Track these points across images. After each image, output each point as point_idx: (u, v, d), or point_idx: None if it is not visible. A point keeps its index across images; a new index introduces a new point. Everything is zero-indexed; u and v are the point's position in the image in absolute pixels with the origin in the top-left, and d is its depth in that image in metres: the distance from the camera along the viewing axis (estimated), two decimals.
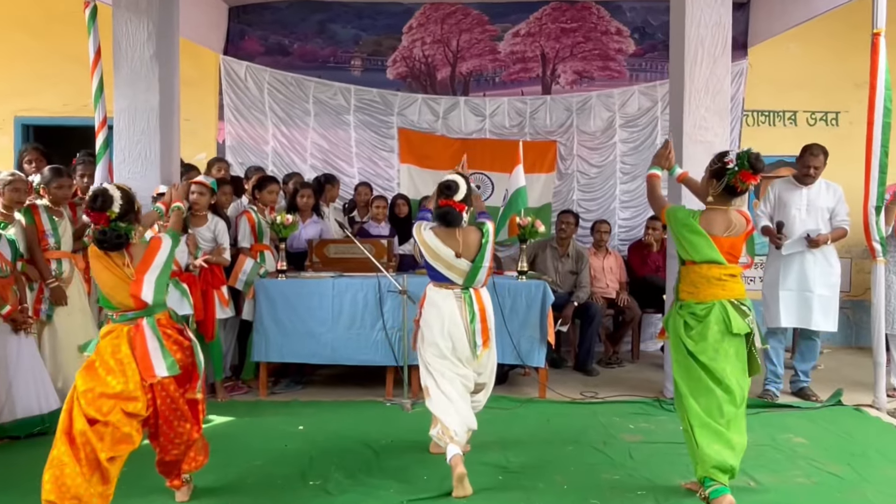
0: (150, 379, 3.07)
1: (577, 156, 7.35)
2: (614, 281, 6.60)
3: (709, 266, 3.34)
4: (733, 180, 3.30)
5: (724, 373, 3.30)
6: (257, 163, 7.04)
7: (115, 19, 5.11)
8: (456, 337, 3.68)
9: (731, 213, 3.43)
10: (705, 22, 5.07)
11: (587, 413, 4.89)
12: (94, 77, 5.17)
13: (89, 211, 3.11)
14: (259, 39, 7.42)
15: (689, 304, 3.41)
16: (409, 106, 7.34)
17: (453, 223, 3.66)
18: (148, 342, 3.10)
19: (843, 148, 5.89)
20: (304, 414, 4.80)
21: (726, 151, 3.41)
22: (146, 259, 3.17)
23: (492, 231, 3.75)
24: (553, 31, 7.36)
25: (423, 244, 3.75)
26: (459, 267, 3.70)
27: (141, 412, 3.07)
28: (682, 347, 3.39)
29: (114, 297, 3.15)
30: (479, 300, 3.76)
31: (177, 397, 3.19)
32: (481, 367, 3.83)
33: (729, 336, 3.32)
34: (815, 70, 7.27)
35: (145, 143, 5.11)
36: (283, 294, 5.17)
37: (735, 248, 3.43)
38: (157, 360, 3.08)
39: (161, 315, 3.23)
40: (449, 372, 3.70)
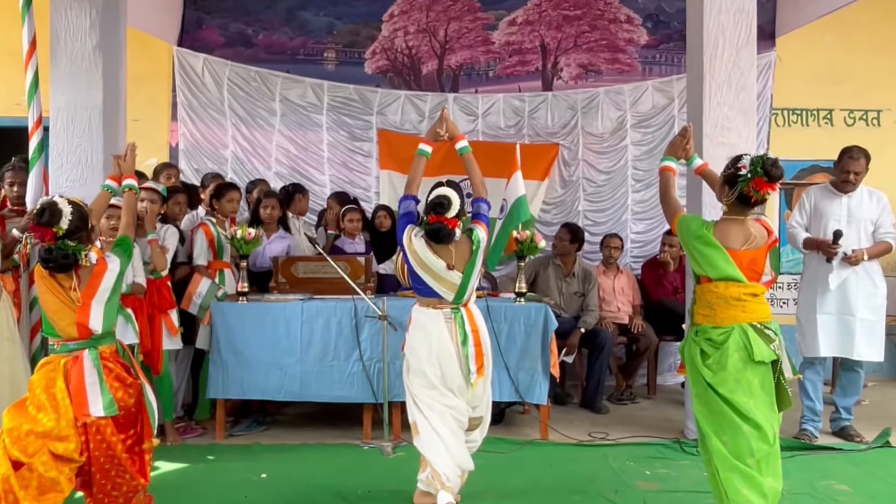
0: (82, 418, 3.04)
1: (582, 160, 7.37)
2: (627, 304, 6.59)
3: (726, 284, 3.33)
4: (746, 188, 3.30)
5: (748, 406, 3.27)
6: (215, 169, 7.02)
7: (52, 5, 5.10)
8: (446, 363, 3.66)
9: (750, 224, 3.43)
10: (727, 8, 5.10)
11: (596, 457, 4.85)
12: (27, 71, 5.13)
13: (34, 226, 3.11)
14: (218, 29, 7.43)
15: (705, 329, 3.40)
16: (391, 104, 7.36)
17: (445, 241, 3.68)
18: (86, 376, 3.08)
19: (885, 150, 5.95)
20: (268, 459, 4.75)
21: (741, 155, 3.40)
22: (92, 283, 3.17)
23: (483, 238, 3.75)
24: (554, 18, 7.41)
25: (411, 252, 3.74)
26: (450, 280, 3.70)
27: (72, 455, 3.02)
28: (699, 379, 3.37)
29: (57, 324, 3.15)
30: (471, 320, 3.75)
31: (114, 443, 3.13)
32: (476, 398, 3.81)
33: (752, 364, 3.30)
34: (853, 63, 7.33)
35: (87, 147, 5.10)
36: (243, 319, 5.12)
37: (756, 264, 3.41)
38: (93, 397, 3.06)
39: (107, 347, 3.21)
40: (438, 405, 3.67)
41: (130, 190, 3.57)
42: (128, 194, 3.55)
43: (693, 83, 5.32)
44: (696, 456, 4.82)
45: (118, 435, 3.15)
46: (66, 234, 3.09)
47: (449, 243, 3.71)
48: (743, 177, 3.30)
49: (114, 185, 3.59)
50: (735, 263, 3.32)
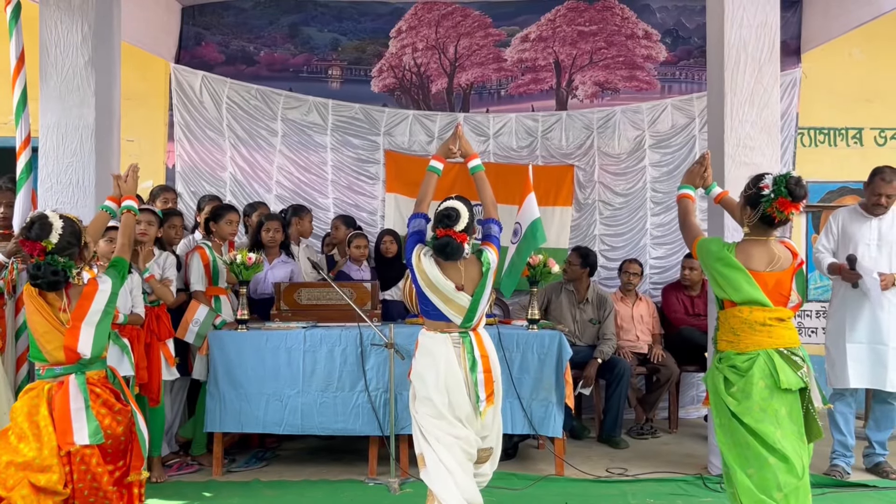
0: (66, 446, 3.03)
1: (598, 182, 7.38)
2: (646, 332, 6.57)
3: (751, 308, 3.32)
4: (769, 209, 3.30)
5: (774, 437, 3.23)
6: (213, 191, 7.04)
7: (41, 18, 5.14)
8: (453, 390, 3.62)
9: (773, 245, 3.43)
10: (748, 22, 5.12)
11: (615, 493, 4.82)
12: (14, 88, 5.17)
13: (23, 240, 3.14)
14: (218, 45, 7.50)
15: (729, 356, 3.38)
16: (398, 124, 7.39)
17: (453, 256, 3.66)
18: (71, 402, 3.09)
19: None
20: (268, 497, 4.74)
21: (762, 175, 3.41)
22: (82, 304, 3.17)
23: (493, 259, 3.74)
24: (569, 34, 7.46)
25: (419, 271, 3.72)
26: (458, 302, 3.68)
27: (55, 487, 3.01)
28: (724, 408, 3.35)
29: (44, 347, 3.15)
30: (480, 345, 3.72)
31: (100, 474, 3.12)
32: (485, 428, 3.77)
33: (778, 392, 3.27)
34: (884, 79, 7.34)
35: (78, 167, 5.12)
36: (243, 348, 5.12)
37: (782, 287, 3.40)
38: (77, 424, 3.06)
39: (95, 373, 3.21)
40: (446, 436, 3.64)
41: (129, 211, 3.60)
42: (126, 216, 3.58)
43: (714, 101, 5.33)
44: (721, 493, 4.80)
45: (105, 466, 3.13)
46: (56, 250, 3.12)
47: (458, 259, 3.69)
48: (766, 196, 3.30)
49: (113, 207, 3.62)
50: (759, 286, 3.31)
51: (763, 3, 5.13)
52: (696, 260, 3.65)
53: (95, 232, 3.52)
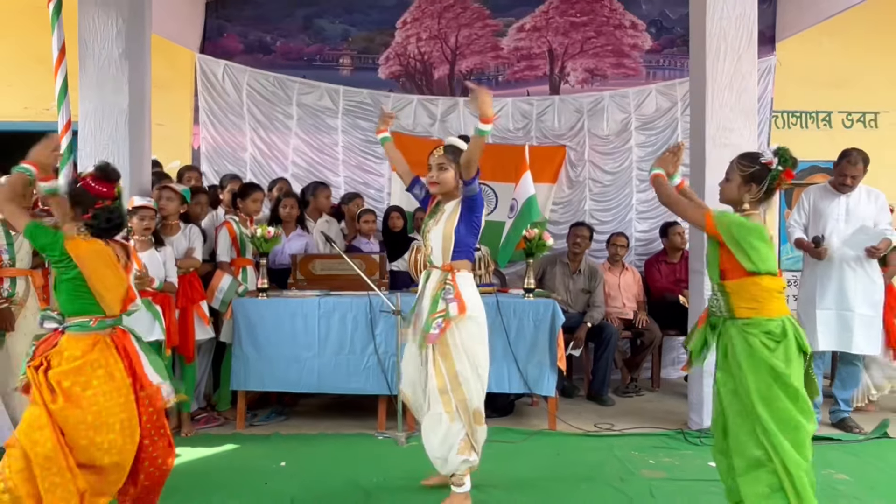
0: (147, 387, 3.04)
1: (588, 161, 7.36)
2: (631, 300, 6.60)
3: (771, 278, 3.19)
4: (776, 182, 3.22)
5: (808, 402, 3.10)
6: (234, 171, 7.05)
7: (80, 14, 5.13)
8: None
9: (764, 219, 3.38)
10: (728, 14, 5.09)
11: (602, 447, 4.85)
12: (57, 77, 5.13)
13: (98, 180, 3.04)
14: (238, 36, 7.46)
15: (758, 322, 3.16)
16: (404, 108, 7.37)
17: None
18: (136, 346, 3.12)
19: (882, 152, 5.91)
20: (287, 448, 4.76)
21: (756, 153, 3.34)
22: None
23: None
24: (561, 25, 7.41)
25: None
26: None
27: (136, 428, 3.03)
28: (766, 372, 3.08)
29: (107, 300, 3.01)
30: None
31: (160, 409, 3.12)
32: None
33: (798, 356, 3.15)
34: (852, 67, 7.30)
35: (113, 149, 5.11)
36: (264, 315, 5.15)
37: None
38: (146, 365, 3.08)
39: None
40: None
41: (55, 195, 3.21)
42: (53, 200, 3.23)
43: (696, 87, 5.31)
44: (699, 446, 4.85)
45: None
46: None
47: None
48: (774, 170, 3.21)
49: (32, 171, 3.14)
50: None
51: None
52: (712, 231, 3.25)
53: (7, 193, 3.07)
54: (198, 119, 7.38)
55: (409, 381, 3.92)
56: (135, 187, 5.10)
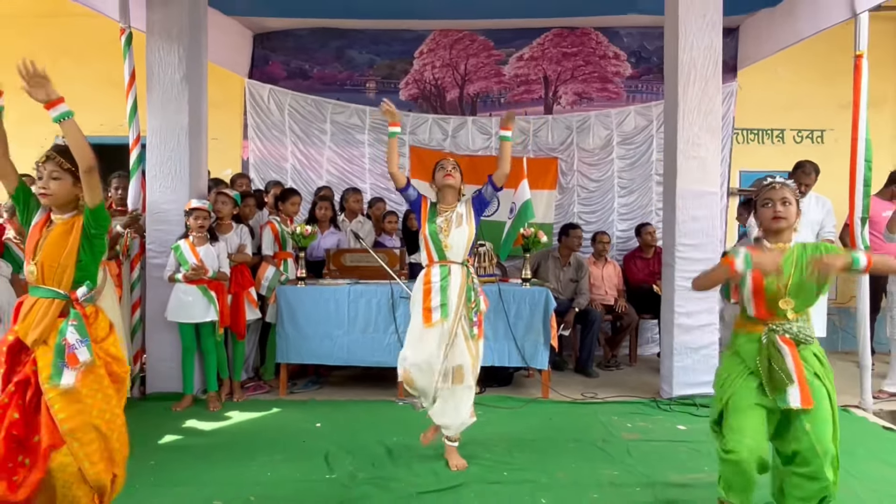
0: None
1: (577, 171, 7.34)
2: (613, 288, 6.58)
3: None
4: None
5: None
6: (277, 178, 7.07)
7: (148, 45, 5.16)
8: None
9: None
10: (697, 46, 5.07)
11: (588, 412, 4.86)
12: (128, 99, 5.19)
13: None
14: (281, 64, 7.47)
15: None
16: (420, 125, 7.36)
17: None
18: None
19: (827, 164, 5.84)
20: (321, 412, 4.79)
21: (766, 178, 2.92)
22: None
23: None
24: (555, 55, 7.38)
25: None
26: None
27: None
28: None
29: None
30: None
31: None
32: None
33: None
34: (802, 91, 7.25)
35: (176, 160, 5.14)
36: (302, 300, 5.17)
37: None
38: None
39: None
40: None
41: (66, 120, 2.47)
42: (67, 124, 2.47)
43: (669, 108, 5.29)
44: (669, 412, 4.86)
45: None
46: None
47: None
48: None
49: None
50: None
51: (708, 31, 5.07)
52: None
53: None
54: (246, 134, 7.39)
55: (422, 362, 3.65)
56: (193, 192, 5.13)
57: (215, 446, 4.06)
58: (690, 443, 4.15)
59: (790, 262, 2.71)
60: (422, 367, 3.67)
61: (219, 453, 3.93)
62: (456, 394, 3.68)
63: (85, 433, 2.38)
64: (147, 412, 4.71)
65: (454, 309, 3.65)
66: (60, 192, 2.50)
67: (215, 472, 3.62)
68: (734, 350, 2.88)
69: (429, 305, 3.67)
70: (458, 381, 3.66)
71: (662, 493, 3.37)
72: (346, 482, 3.51)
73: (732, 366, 2.85)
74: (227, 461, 3.77)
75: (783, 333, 2.71)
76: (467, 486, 3.46)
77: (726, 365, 2.90)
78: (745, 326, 2.85)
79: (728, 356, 2.92)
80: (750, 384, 2.75)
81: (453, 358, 3.65)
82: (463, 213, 3.78)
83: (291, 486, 3.47)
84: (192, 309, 4.76)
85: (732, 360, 2.87)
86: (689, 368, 5.11)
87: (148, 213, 5.15)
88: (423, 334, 3.68)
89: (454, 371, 3.66)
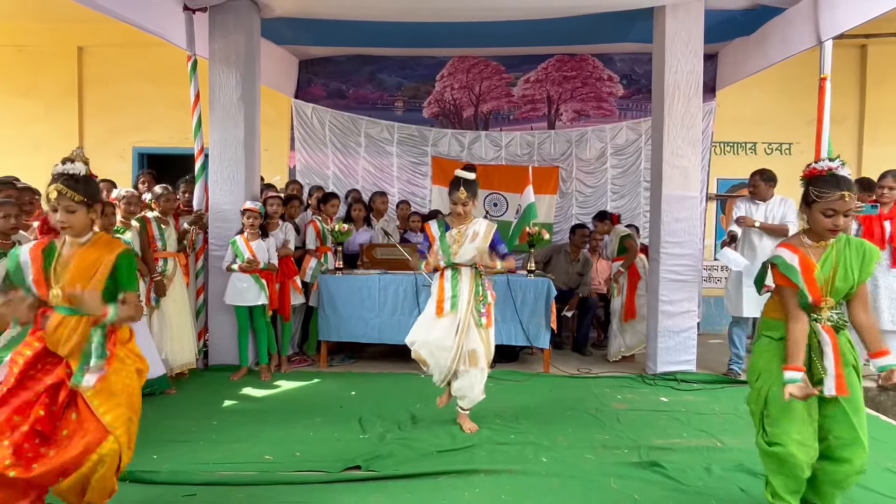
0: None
1: (575, 178, 7.30)
2: (605, 280, 6.51)
3: None
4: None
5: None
6: (319, 183, 7.10)
7: (210, 71, 5.21)
8: None
9: None
10: (681, 70, 5.03)
11: (583, 386, 4.86)
12: (194, 116, 5.25)
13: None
14: (322, 86, 7.50)
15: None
16: (441, 139, 7.35)
17: None
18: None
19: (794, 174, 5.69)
20: (356, 383, 4.83)
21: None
22: None
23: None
24: (557, 78, 7.35)
25: None
26: None
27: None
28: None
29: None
30: None
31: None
32: None
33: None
34: (772, 109, 7.16)
35: (233, 168, 5.19)
36: (340, 287, 5.21)
37: None
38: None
39: None
40: None
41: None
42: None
43: (656, 124, 5.26)
44: (653, 386, 4.84)
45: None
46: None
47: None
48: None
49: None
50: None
51: (691, 57, 5.03)
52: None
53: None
54: (293, 146, 7.42)
55: (427, 343, 3.69)
56: (248, 195, 5.18)
57: (266, 410, 4.12)
58: (671, 412, 4.15)
59: (831, 258, 2.38)
60: (431, 348, 3.69)
61: (269, 416, 3.98)
62: (471, 374, 3.70)
63: (122, 423, 2.34)
64: (209, 381, 4.79)
65: (465, 302, 3.65)
66: (78, 222, 2.33)
67: (266, 431, 3.68)
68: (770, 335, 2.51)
69: (441, 298, 3.69)
70: (473, 364, 3.68)
71: (646, 455, 3.38)
72: (377, 441, 3.55)
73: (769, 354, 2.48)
74: (276, 422, 3.83)
75: (825, 322, 2.40)
76: (479, 446, 3.48)
77: (761, 354, 2.53)
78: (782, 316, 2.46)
79: (762, 345, 2.54)
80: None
81: (468, 343, 3.66)
82: (480, 232, 3.69)
83: (330, 444, 3.51)
84: (246, 294, 4.82)
85: (769, 348, 2.49)
86: (671, 349, 5.09)
87: (210, 212, 5.21)
88: (432, 322, 3.70)
89: (469, 355, 3.67)
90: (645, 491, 2.95)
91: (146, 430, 3.49)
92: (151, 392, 4.24)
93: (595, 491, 2.94)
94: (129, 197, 4.49)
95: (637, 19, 5.61)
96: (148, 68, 7.32)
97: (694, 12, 5.00)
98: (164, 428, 3.69)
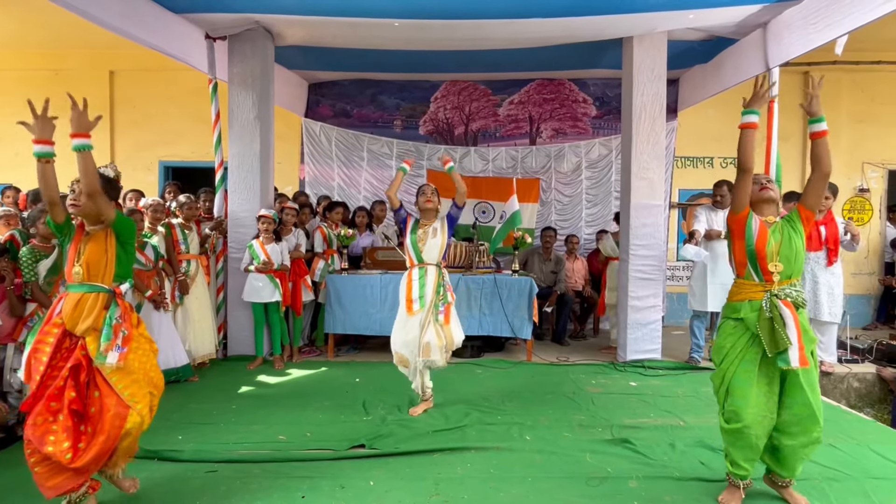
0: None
1: (554, 189, 7.32)
2: (581, 278, 6.57)
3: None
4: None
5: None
6: (326, 193, 7.09)
7: (229, 92, 5.20)
8: None
9: None
10: (647, 93, 5.07)
11: (561, 372, 4.87)
12: (214, 133, 5.24)
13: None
14: (329, 106, 7.49)
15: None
16: (435, 154, 7.35)
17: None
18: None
19: None
20: (360, 371, 4.81)
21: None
22: None
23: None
24: (537, 100, 7.38)
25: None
26: None
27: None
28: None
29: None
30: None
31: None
32: None
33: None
34: (727, 127, 7.18)
35: (250, 179, 5.18)
36: (345, 285, 5.19)
37: None
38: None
39: None
40: None
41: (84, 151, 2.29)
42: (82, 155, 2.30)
43: (625, 140, 5.28)
44: (623, 372, 4.85)
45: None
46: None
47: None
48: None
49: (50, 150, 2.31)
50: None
51: (655, 81, 5.07)
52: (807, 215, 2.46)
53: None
54: (303, 160, 7.40)
55: (406, 343, 3.63)
56: (263, 203, 5.17)
57: (280, 395, 4.11)
58: (640, 395, 4.17)
59: (777, 231, 2.41)
60: (409, 347, 3.64)
61: (282, 400, 3.97)
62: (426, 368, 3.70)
63: (142, 396, 2.37)
64: (228, 369, 4.76)
65: (429, 300, 3.60)
66: (87, 205, 2.34)
67: (280, 414, 3.67)
68: (734, 318, 2.45)
69: (410, 297, 3.62)
70: (426, 355, 3.61)
71: (618, 433, 3.39)
72: (379, 423, 3.55)
73: (734, 338, 2.44)
74: (289, 406, 3.82)
75: (784, 297, 2.34)
76: (470, 426, 3.49)
77: (726, 337, 2.48)
78: (745, 295, 2.42)
79: (727, 328, 2.49)
80: (752, 355, 2.38)
81: (423, 336, 3.60)
82: (438, 227, 3.69)
83: (337, 425, 3.51)
84: (262, 292, 4.81)
85: (734, 331, 2.45)
86: (639, 339, 5.12)
87: (229, 219, 5.19)
88: (406, 322, 3.64)
89: (423, 346, 3.61)
90: (617, 464, 2.96)
91: (172, 413, 3.52)
92: (177, 379, 4.21)
93: (573, 465, 2.95)
94: (156, 205, 4.47)
95: (608, 48, 5.65)
96: (173, 90, 7.29)
97: (658, 42, 5.05)
98: (188, 411, 3.68)
